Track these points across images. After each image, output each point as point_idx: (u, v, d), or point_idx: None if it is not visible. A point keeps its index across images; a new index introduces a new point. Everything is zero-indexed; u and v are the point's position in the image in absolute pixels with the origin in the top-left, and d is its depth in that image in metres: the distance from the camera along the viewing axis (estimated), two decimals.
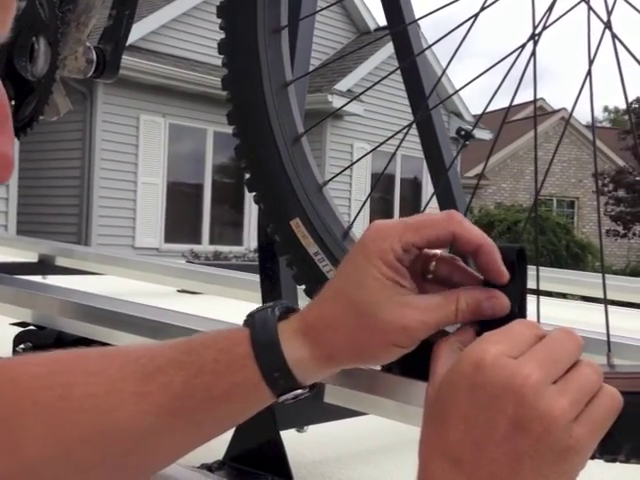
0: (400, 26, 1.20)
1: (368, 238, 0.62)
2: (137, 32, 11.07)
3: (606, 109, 50.52)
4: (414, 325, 0.61)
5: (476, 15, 0.72)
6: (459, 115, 15.57)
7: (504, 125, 0.82)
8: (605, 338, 0.68)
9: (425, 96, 1.22)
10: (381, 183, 14.46)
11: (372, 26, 15.05)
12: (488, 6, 0.73)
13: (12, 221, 9.68)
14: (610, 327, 0.70)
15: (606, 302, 0.78)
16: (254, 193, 0.88)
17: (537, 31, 0.69)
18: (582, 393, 0.55)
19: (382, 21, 15.42)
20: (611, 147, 22.02)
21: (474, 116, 17.44)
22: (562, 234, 15.72)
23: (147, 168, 11.53)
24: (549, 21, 0.69)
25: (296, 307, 0.66)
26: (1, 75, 1.09)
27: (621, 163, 21.77)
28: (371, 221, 0.65)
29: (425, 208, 0.85)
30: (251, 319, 0.64)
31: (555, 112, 23.33)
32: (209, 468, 0.80)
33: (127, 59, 10.98)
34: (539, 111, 24.79)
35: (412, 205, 15.17)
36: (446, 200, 1.24)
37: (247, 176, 0.88)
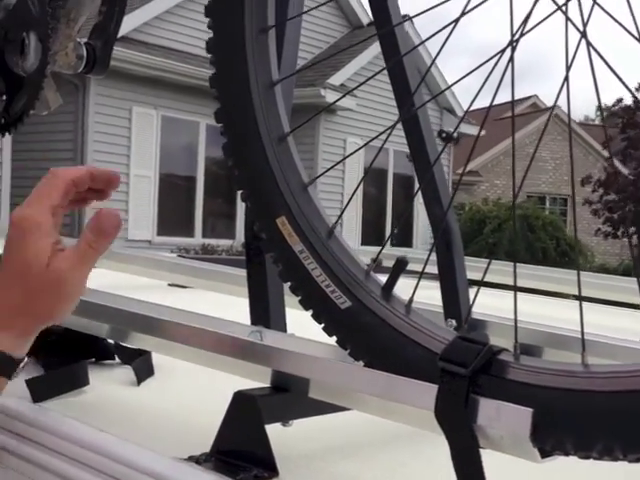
0: (387, 27, 1.21)
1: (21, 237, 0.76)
2: (129, 23, 11.04)
3: (599, 108, 50.60)
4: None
5: (456, 20, 0.74)
6: (451, 111, 15.59)
7: (497, 122, 0.82)
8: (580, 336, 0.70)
9: (410, 94, 1.23)
10: (374, 178, 14.47)
11: (365, 20, 15.04)
12: (469, 11, 0.74)
13: (5, 213, 9.66)
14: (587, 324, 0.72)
15: (581, 300, 0.79)
16: (241, 191, 0.89)
17: (515, 37, 0.71)
18: None
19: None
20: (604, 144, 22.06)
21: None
22: (552, 232, 15.75)
23: (139, 160, 11.52)
24: (527, 27, 0.71)
25: None
26: None
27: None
28: (363, 218, 0.67)
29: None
30: None
31: (547, 110, 23.34)
32: (196, 460, 0.81)
33: (119, 50, 10.94)
34: (532, 108, 24.84)
35: (405, 200, 15.21)
36: (431, 196, 1.26)
37: (234, 174, 0.89)
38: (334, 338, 0.81)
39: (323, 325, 0.82)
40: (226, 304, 1.45)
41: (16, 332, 0.76)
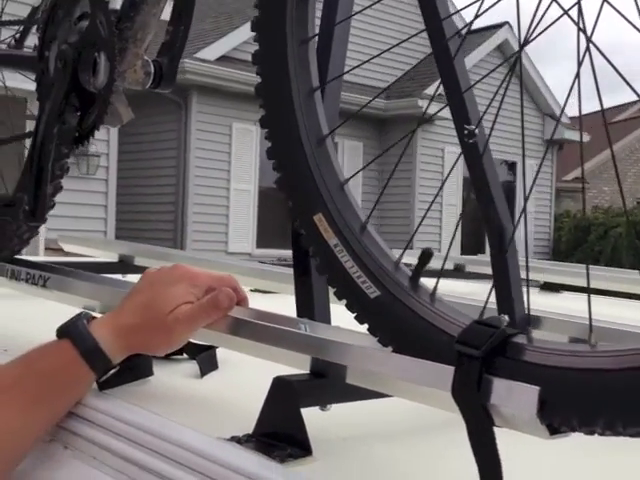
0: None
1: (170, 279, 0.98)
2: (230, 42, 11.36)
3: None
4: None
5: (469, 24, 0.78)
6: (553, 117, 15.31)
7: (605, 127, 0.85)
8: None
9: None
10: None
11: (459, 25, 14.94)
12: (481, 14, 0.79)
13: (111, 227, 10.06)
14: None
15: (589, 291, 0.82)
16: (283, 192, 0.96)
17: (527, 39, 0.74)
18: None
19: (475, 24, 15.29)
20: None
21: (570, 118, 17.09)
22: None
23: (239, 175, 11.79)
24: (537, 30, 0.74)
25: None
26: (67, 88, 1.21)
27: None
28: (463, 227, 0.74)
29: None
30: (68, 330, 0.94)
31: None
32: (238, 440, 0.87)
33: (220, 69, 11.26)
34: None
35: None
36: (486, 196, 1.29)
37: (278, 176, 0.96)
38: (365, 326, 0.87)
39: (355, 314, 0.87)
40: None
41: (124, 345, 0.94)
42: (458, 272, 2.81)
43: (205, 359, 1.21)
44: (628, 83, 0.74)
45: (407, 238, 11.93)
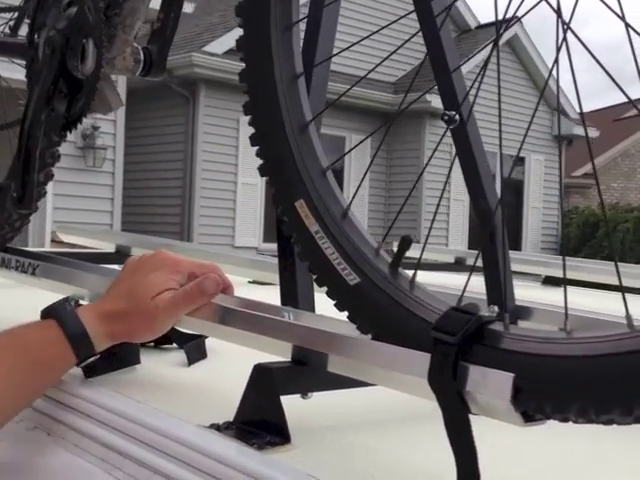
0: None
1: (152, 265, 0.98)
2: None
3: None
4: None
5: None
6: (563, 113, 15.26)
7: (614, 123, 0.84)
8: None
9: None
10: None
11: (473, 24, 14.92)
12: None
13: (117, 220, 10.08)
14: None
15: (565, 282, 0.81)
16: (266, 178, 0.95)
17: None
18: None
19: (483, 19, 15.25)
20: None
21: (579, 114, 16.98)
22: None
23: (247, 169, 11.79)
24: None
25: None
26: (55, 74, 1.21)
27: None
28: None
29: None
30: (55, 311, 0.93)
31: None
32: (217, 428, 0.87)
33: (228, 62, 11.26)
34: None
35: (515, 205, 14.96)
36: (477, 189, 1.28)
37: (260, 163, 0.95)
38: (345, 314, 0.86)
39: (335, 302, 0.87)
40: None
41: (108, 332, 0.93)
42: (459, 265, 2.81)
43: (193, 348, 1.21)
44: (614, 80, 0.73)
45: (415, 234, 11.91)
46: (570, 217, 16.96)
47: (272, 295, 1.98)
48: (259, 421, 0.86)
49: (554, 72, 0.75)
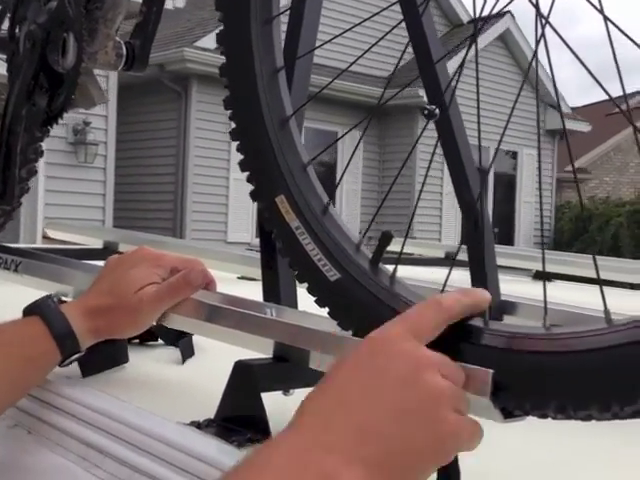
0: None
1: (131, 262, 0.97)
2: None
3: None
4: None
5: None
6: (555, 107, 15.25)
7: (606, 117, 0.82)
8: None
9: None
10: None
11: (465, 19, 14.91)
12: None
13: (109, 216, 10.05)
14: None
15: (545, 276, 0.81)
16: (246, 173, 0.94)
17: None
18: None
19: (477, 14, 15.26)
20: None
21: (572, 109, 17.02)
22: None
23: None
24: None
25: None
26: (36, 68, 1.19)
27: None
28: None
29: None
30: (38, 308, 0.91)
31: None
32: (198, 425, 0.86)
33: (220, 57, 11.22)
34: None
35: (507, 200, 14.98)
36: (461, 182, 1.27)
37: (240, 158, 0.94)
38: (326, 310, 0.85)
39: (316, 298, 0.86)
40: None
41: (92, 327, 0.92)
42: (449, 260, 2.80)
43: (187, 345, 1.20)
44: (595, 78, 0.73)
45: (410, 228, 11.91)
46: (562, 211, 16.99)
47: (260, 291, 1.97)
48: (240, 418, 0.86)
49: (540, 67, 0.74)
